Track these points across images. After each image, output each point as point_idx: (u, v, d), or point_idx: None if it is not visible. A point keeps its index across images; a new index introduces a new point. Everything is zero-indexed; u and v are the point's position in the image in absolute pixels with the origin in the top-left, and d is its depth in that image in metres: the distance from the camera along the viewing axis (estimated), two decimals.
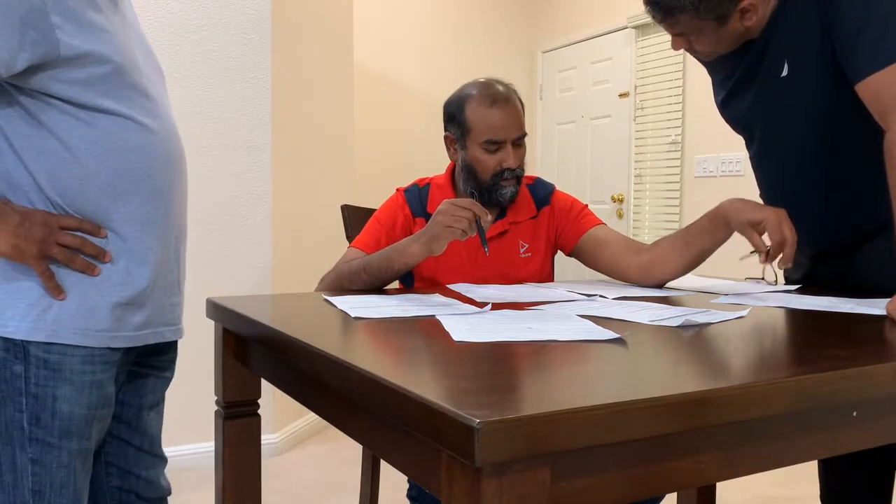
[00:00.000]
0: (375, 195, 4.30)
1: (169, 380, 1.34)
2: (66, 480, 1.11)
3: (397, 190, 1.73)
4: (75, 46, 1.05)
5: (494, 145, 1.60)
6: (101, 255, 1.12)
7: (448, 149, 1.70)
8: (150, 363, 1.28)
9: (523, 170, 1.65)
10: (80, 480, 1.14)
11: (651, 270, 1.55)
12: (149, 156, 1.16)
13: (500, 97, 1.60)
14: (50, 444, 1.09)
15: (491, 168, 1.61)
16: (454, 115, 1.65)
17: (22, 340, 1.08)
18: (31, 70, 1.04)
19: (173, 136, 1.22)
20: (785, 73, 1.43)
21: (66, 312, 1.10)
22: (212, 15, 2.76)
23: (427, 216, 1.63)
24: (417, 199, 1.69)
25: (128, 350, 1.18)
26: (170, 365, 1.33)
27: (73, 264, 1.10)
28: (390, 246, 1.50)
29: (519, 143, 1.63)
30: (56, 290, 1.10)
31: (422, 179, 1.74)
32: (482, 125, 1.59)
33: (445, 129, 1.69)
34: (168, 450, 2.65)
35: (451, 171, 1.74)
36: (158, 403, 1.32)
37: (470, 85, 1.66)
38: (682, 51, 1.72)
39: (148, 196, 1.16)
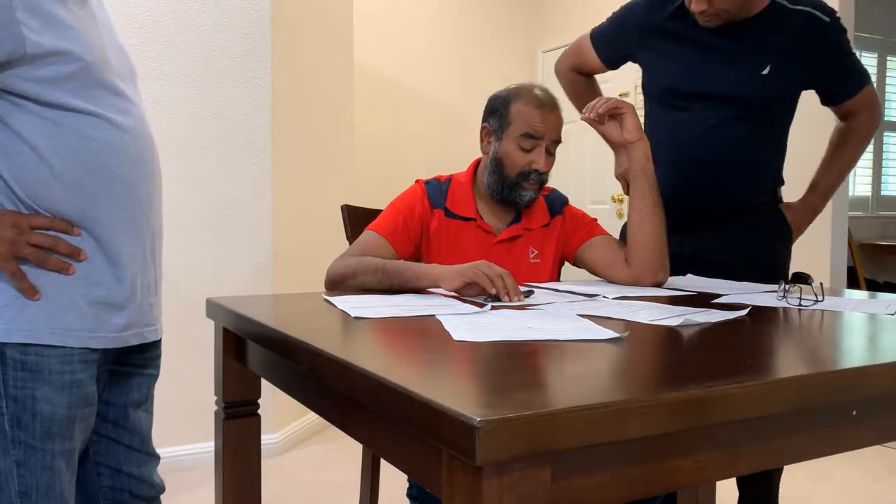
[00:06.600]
0: (375, 195, 4.30)
1: (154, 377, 1.33)
2: (51, 482, 1.10)
3: (417, 181, 1.74)
4: (42, 44, 1.03)
5: (531, 140, 1.61)
6: (75, 254, 1.11)
7: (482, 140, 1.71)
8: (131, 361, 1.26)
9: (547, 178, 1.68)
10: (65, 481, 1.13)
11: (641, 280, 1.61)
12: (118, 153, 1.14)
13: (548, 101, 1.65)
14: (33, 446, 1.08)
15: (520, 165, 1.63)
16: (497, 108, 1.67)
17: None
18: None
19: (145, 135, 1.20)
20: (766, 71, 1.74)
21: (41, 313, 1.09)
22: (212, 15, 2.76)
23: (446, 209, 1.67)
24: (438, 191, 1.71)
25: (107, 349, 1.17)
26: (152, 362, 1.31)
27: (45, 264, 1.09)
28: (418, 263, 1.49)
29: (552, 149, 1.65)
30: (30, 291, 1.08)
31: (442, 176, 1.76)
32: (523, 120, 1.62)
33: (484, 121, 1.71)
34: (168, 450, 2.67)
35: (473, 170, 1.75)
36: (145, 401, 1.31)
37: (522, 85, 1.69)
38: None
39: (119, 196, 1.14)
